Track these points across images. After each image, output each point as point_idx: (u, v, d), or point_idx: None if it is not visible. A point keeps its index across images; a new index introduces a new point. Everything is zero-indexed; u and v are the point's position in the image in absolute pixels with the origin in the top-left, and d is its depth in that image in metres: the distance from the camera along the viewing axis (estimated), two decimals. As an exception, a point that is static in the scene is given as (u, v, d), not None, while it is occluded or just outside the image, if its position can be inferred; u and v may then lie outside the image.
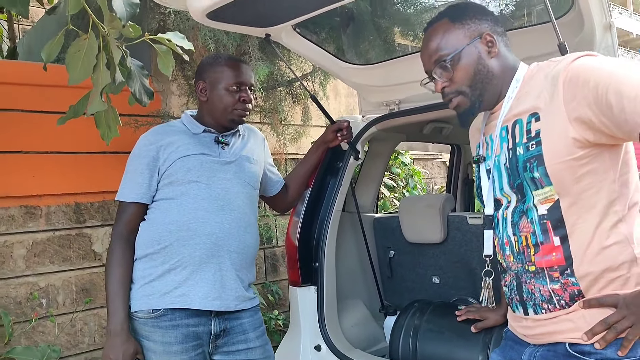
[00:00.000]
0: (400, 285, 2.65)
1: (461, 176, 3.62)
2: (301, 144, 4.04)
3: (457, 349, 2.05)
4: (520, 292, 1.28)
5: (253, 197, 1.98)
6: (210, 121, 1.95)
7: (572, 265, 1.18)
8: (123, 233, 1.84)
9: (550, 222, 1.20)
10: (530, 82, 1.29)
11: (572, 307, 1.19)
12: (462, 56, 1.32)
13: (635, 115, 1.05)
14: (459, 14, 1.36)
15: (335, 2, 1.84)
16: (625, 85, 1.07)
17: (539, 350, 1.27)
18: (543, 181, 1.19)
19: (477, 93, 1.33)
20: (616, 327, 1.13)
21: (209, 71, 1.94)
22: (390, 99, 2.35)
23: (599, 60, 1.16)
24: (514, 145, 1.26)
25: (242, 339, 1.87)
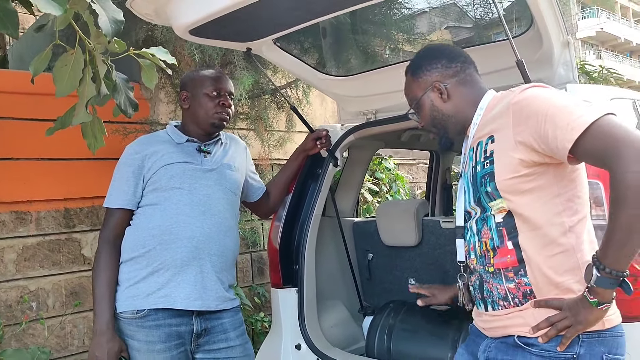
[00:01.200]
0: (378, 286, 2.75)
1: (440, 181, 3.73)
2: (286, 150, 4.13)
3: (428, 347, 2.16)
4: (482, 291, 1.43)
5: (234, 202, 2.08)
6: (194, 128, 2.05)
7: (524, 268, 1.33)
8: (109, 238, 1.93)
9: (505, 229, 1.36)
10: (493, 109, 1.43)
11: (524, 305, 1.34)
12: (420, 105, 1.57)
13: (564, 142, 1.21)
14: (415, 69, 1.58)
15: (313, 19, 1.94)
16: (559, 116, 1.23)
17: (493, 342, 1.42)
18: (494, 194, 1.35)
19: (441, 132, 1.57)
20: (557, 326, 1.28)
21: (191, 82, 2.07)
22: (367, 108, 2.45)
23: (544, 92, 1.33)
24: (475, 164, 1.43)
25: (222, 338, 1.97)
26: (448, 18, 3.16)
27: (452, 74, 1.53)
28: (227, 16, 1.77)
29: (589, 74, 6.34)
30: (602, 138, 1.18)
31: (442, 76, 1.53)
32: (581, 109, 1.23)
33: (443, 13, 3.19)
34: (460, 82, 1.53)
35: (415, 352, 2.19)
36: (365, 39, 2.90)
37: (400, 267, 2.66)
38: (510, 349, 1.36)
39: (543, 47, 1.82)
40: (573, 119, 1.21)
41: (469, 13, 3.39)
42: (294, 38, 2.88)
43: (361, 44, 2.86)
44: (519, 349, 1.33)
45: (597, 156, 1.20)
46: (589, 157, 1.23)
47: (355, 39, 2.79)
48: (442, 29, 3.75)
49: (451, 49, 1.59)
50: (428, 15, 3.23)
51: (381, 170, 4.87)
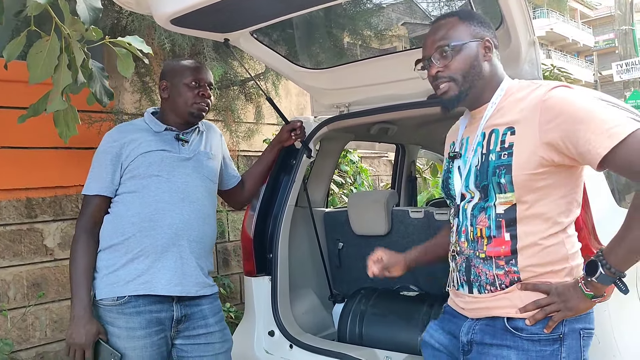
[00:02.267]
0: (348, 274, 2.83)
1: (405, 174, 3.83)
2: (253, 142, 4.16)
3: (399, 331, 2.26)
4: (468, 274, 1.47)
5: (212, 190, 2.11)
6: (172, 118, 2.06)
7: (516, 258, 1.39)
8: (87, 226, 1.93)
9: (504, 221, 1.40)
10: (512, 95, 1.43)
11: (511, 287, 1.40)
12: (463, 49, 1.45)
13: (598, 148, 1.24)
14: (468, 16, 1.51)
15: (293, 12, 1.98)
16: (594, 121, 1.26)
17: (477, 324, 1.46)
18: (507, 187, 1.38)
19: (467, 85, 1.46)
20: (545, 309, 1.36)
21: (171, 71, 2.07)
22: (340, 101, 2.50)
23: (574, 94, 1.34)
24: (488, 152, 1.42)
25: (202, 324, 2.00)
26: (416, 16, 3.25)
27: (496, 44, 1.51)
28: (208, 7, 1.79)
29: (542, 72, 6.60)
30: (638, 149, 1.22)
31: (492, 36, 1.49)
32: (617, 117, 1.26)
33: (411, 10, 3.29)
34: (498, 55, 1.51)
35: (386, 335, 2.28)
36: (339, 33, 2.96)
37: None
38: (499, 332, 1.41)
39: (511, 45, 1.91)
40: (610, 127, 1.24)
41: (439, 10, 3.49)
42: (270, 30, 2.91)
43: (336, 38, 2.91)
44: (508, 333, 1.39)
45: (629, 166, 1.24)
46: (619, 165, 1.26)
47: (330, 33, 2.85)
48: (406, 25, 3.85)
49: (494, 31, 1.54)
50: (403, 11, 3.32)
51: (346, 162, 4.95)
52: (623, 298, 1.39)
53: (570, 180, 1.40)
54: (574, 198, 1.41)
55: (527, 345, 1.37)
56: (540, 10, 32.28)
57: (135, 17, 3.09)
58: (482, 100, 1.50)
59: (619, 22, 10.91)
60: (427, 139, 3.68)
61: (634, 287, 1.89)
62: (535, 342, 1.37)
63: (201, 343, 1.99)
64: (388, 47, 3.85)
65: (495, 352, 1.40)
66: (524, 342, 1.38)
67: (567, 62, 32.80)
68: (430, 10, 3.86)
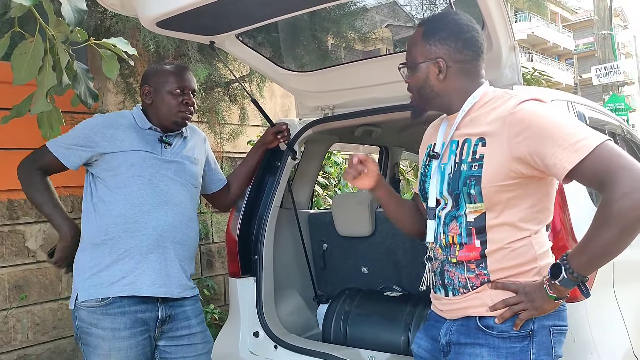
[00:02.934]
0: (332, 275, 2.85)
1: (388, 175, 3.87)
2: (238, 143, 4.16)
3: (382, 331, 2.29)
4: (442, 278, 1.51)
5: (194, 194, 2.12)
6: (156, 122, 2.07)
7: (486, 261, 1.43)
8: (36, 167, 2.02)
9: (474, 229, 1.44)
10: (486, 105, 1.45)
11: (481, 287, 1.44)
12: (416, 69, 1.51)
13: (564, 162, 1.27)
14: (430, 32, 1.50)
15: (279, 16, 2.00)
16: (560, 135, 1.28)
17: (454, 325, 1.50)
18: (476, 198, 1.41)
19: (422, 101, 1.54)
20: (513, 308, 1.40)
21: (154, 76, 2.08)
22: (325, 104, 2.52)
23: (543, 108, 1.37)
24: (460, 161, 1.45)
25: (185, 325, 2.01)
26: (400, 19, 3.29)
27: (460, 59, 1.48)
28: (194, 10, 1.80)
29: (523, 75, 6.69)
30: (603, 163, 1.24)
31: (449, 56, 1.48)
32: (583, 131, 1.29)
33: (394, 13, 3.33)
34: (462, 70, 1.49)
35: (370, 336, 2.31)
36: (324, 36, 2.98)
37: (354, 257, 2.77)
38: (472, 331, 1.45)
39: (492, 50, 1.93)
40: (576, 140, 1.27)
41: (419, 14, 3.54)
42: (255, 33, 2.92)
43: (320, 41, 2.94)
44: (480, 332, 1.43)
45: (594, 179, 1.27)
46: (585, 178, 1.29)
47: (314, 35, 2.87)
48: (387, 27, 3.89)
49: (473, 35, 1.50)
50: (387, 13, 3.35)
51: (330, 164, 4.97)
52: (600, 297, 1.44)
53: (539, 190, 1.43)
54: (544, 207, 1.45)
55: (498, 343, 1.41)
56: (522, 14, 32.71)
57: (119, 18, 3.08)
58: (453, 108, 1.52)
59: (598, 26, 11.10)
60: (410, 141, 3.71)
61: (611, 286, 1.95)
62: (505, 339, 1.41)
63: (184, 344, 2.00)
64: (372, 50, 3.89)
65: (469, 351, 1.45)
66: (495, 339, 1.42)
67: (548, 65, 33.29)
68: (414, 13, 3.91)
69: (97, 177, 1.99)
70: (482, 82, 1.52)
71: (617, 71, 10.88)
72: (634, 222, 1.22)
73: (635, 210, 1.20)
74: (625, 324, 1.94)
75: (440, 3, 3.66)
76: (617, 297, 1.96)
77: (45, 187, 2.02)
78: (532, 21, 33.18)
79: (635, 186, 1.20)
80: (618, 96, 11.13)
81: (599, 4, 10.98)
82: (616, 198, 1.21)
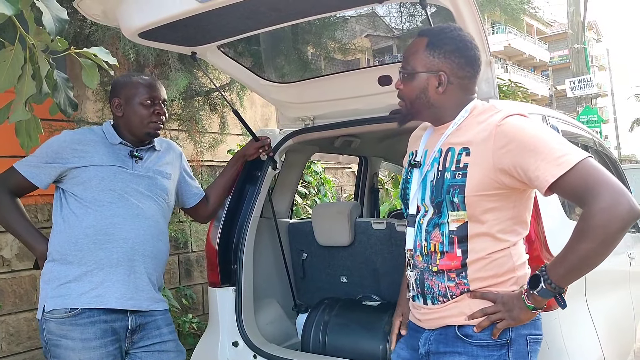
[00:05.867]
0: (312, 285, 2.86)
1: (368, 185, 3.91)
2: (217, 152, 4.16)
3: (361, 340, 2.31)
4: (422, 286, 1.53)
5: (164, 209, 2.12)
6: (127, 135, 2.07)
7: (466, 271, 1.46)
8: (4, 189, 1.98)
9: (457, 237, 1.47)
10: (474, 117, 1.49)
11: (460, 296, 1.47)
12: (415, 78, 1.51)
13: (547, 175, 1.32)
14: (435, 44, 1.50)
15: (260, 28, 2.02)
16: (544, 150, 1.33)
17: (432, 334, 1.53)
18: (459, 206, 1.44)
19: (414, 110, 1.55)
20: (490, 317, 1.44)
21: (124, 88, 2.07)
22: (305, 114, 2.55)
23: (527, 122, 1.42)
24: (444, 169, 1.47)
25: (156, 334, 2.01)
26: (380, 30, 3.33)
27: (461, 75, 1.50)
28: (177, 21, 1.81)
29: (499, 87, 6.81)
30: (584, 178, 1.29)
31: (451, 70, 1.49)
32: (565, 147, 1.34)
33: (374, 24, 3.37)
34: (461, 85, 1.51)
35: (349, 345, 2.32)
36: (305, 48, 3.01)
37: (333, 266, 2.78)
38: (451, 340, 1.48)
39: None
40: (559, 155, 1.32)
41: (395, 26, 3.60)
42: (237, 44, 2.93)
43: (301, 52, 2.96)
44: (459, 340, 1.47)
45: (575, 193, 1.31)
46: (566, 192, 1.34)
47: (295, 47, 2.89)
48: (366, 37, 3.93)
49: (475, 53, 1.53)
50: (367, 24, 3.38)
51: (310, 173, 4.99)
52: (572, 306, 1.48)
53: (519, 203, 1.47)
54: (522, 219, 1.49)
55: (476, 351, 1.45)
56: (499, 26, 33.28)
57: (99, 27, 3.07)
58: (443, 120, 1.55)
59: (572, 40, 11.35)
60: (389, 151, 3.76)
61: (583, 295, 2.00)
62: (483, 347, 1.45)
63: (156, 351, 2.00)
64: (352, 61, 3.94)
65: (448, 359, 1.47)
66: (473, 347, 1.45)
67: (524, 76, 33.85)
68: (394, 25, 3.97)
69: (67, 192, 1.98)
70: (474, 97, 1.56)
71: (590, 84, 11.13)
72: (612, 236, 1.27)
73: (612, 224, 1.25)
74: (597, 332, 1.99)
75: (419, 16, 3.73)
76: (589, 306, 2.02)
77: (15, 209, 1.99)
78: (508, 33, 33.78)
79: (613, 202, 1.25)
80: (591, 108, 11.39)
81: (573, 18, 11.24)
82: (595, 212, 1.26)
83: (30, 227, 2.00)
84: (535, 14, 28.96)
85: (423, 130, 1.67)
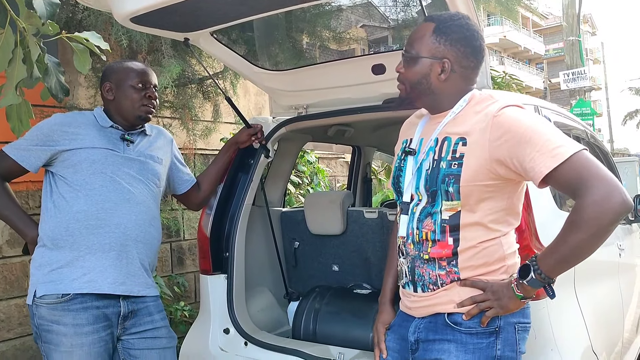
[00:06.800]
0: (303, 273, 2.87)
1: (361, 175, 3.91)
2: (210, 140, 4.14)
3: (352, 328, 2.32)
4: (412, 274, 1.54)
5: (155, 193, 2.11)
6: (118, 119, 2.06)
7: (457, 259, 1.47)
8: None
9: (449, 226, 1.48)
10: (471, 107, 1.49)
11: (450, 284, 1.49)
12: (417, 62, 1.50)
13: (541, 167, 1.33)
14: (442, 30, 1.48)
15: (254, 14, 2.01)
16: (539, 141, 1.34)
17: (422, 322, 1.54)
18: (454, 196, 1.45)
19: (413, 95, 1.54)
20: (480, 305, 1.45)
21: (115, 72, 2.07)
22: (299, 103, 2.53)
23: (523, 113, 1.42)
24: (439, 159, 1.48)
25: (148, 320, 2.02)
26: (374, 19, 3.32)
27: (465, 64, 1.50)
28: (169, 6, 1.79)
29: (494, 79, 6.82)
30: (578, 170, 1.30)
31: (456, 59, 1.48)
32: (560, 139, 1.35)
33: (369, 13, 3.36)
34: (463, 75, 1.51)
35: (339, 333, 2.34)
36: (299, 36, 3.00)
37: (325, 255, 2.79)
38: (440, 327, 1.50)
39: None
40: (554, 147, 1.32)
41: (391, 16, 3.59)
42: (230, 31, 2.92)
43: (295, 40, 2.95)
44: (448, 328, 1.48)
45: (569, 185, 1.32)
46: (560, 183, 1.35)
47: (289, 35, 2.88)
48: (362, 27, 3.92)
49: (481, 44, 1.52)
50: (362, 13, 3.37)
51: (303, 163, 4.99)
52: (561, 296, 1.49)
53: (513, 194, 1.48)
54: (514, 211, 1.51)
55: (465, 338, 1.46)
56: (494, 18, 33.25)
57: (91, 12, 3.05)
58: (440, 108, 1.55)
59: (567, 33, 11.35)
60: (383, 141, 3.76)
61: (572, 285, 2.02)
62: (472, 335, 1.46)
63: (148, 337, 2.01)
64: (347, 50, 3.93)
65: (437, 347, 1.49)
66: (462, 335, 1.47)
67: (519, 69, 33.90)
68: (389, 15, 3.96)
69: (57, 175, 1.97)
70: (474, 87, 1.55)
71: (584, 77, 11.15)
72: (603, 228, 1.28)
73: (604, 217, 1.26)
74: (585, 322, 2.01)
75: (413, 5, 3.72)
76: (578, 296, 2.03)
77: (4, 194, 1.98)
78: (504, 25, 33.77)
79: (605, 195, 1.26)
80: (585, 101, 11.41)
81: (568, 11, 11.24)
82: (587, 204, 1.27)
83: (20, 212, 1.99)
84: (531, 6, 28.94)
85: (418, 118, 1.67)
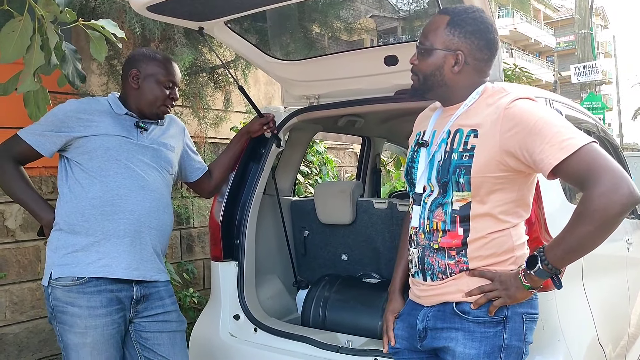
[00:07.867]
0: (312, 262, 2.90)
1: (370, 166, 3.93)
2: (221, 129, 4.17)
3: (360, 316, 2.35)
4: (422, 263, 1.57)
5: (168, 181, 2.14)
6: (135, 108, 2.08)
7: (466, 249, 1.50)
8: (8, 157, 1.99)
9: (459, 217, 1.50)
10: (484, 100, 1.50)
11: (459, 274, 1.51)
12: (431, 54, 1.52)
13: (551, 158, 1.34)
14: (456, 22, 1.50)
15: (266, 5, 2.02)
16: (549, 133, 1.36)
17: (430, 311, 1.57)
18: (465, 187, 1.47)
19: (426, 87, 1.56)
20: (487, 295, 1.47)
21: (145, 62, 2.08)
22: (310, 93, 2.55)
23: (535, 106, 1.44)
24: (451, 150, 1.50)
25: (159, 304, 2.06)
26: (386, 10, 3.32)
27: (479, 57, 1.52)
28: (186, -5, 1.82)
29: (504, 71, 6.77)
30: (587, 162, 1.31)
31: (470, 51, 1.50)
32: (570, 131, 1.36)
33: (381, 4, 3.36)
34: (476, 67, 1.53)
35: (347, 320, 2.37)
36: (311, 26, 3.00)
37: (334, 244, 2.82)
38: (448, 316, 1.52)
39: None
40: (563, 139, 1.34)
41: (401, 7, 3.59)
42: (243, 20, 2.93)
43: (308, 30, 2.96)
44: (456, 317, 1.51)
45: (577, 177, 1.33)
46: (568, 175, 1.36)
47: (302, 25, 2.89)
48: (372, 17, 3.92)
49: (495, 36, 1.53)
50: (373, 4, 3.36)
51: (312, 153, 5.01)
52: (569, 288, 1.51)
53: (523, 186, 1.50)
54: (524, 202, 1.52)
55: (473, 327, 1.49)
56: (505, 10, 32.96)
57: (105, 0, 3.06)
58: (453, 100, 1.57)
59: (579, 25, 11.27)
60: (393, 132, 3.78)
61: (580, 278, 2.03)
62: (480, 324, 1.49)
63: (159, 320, 2.05)
64: (358, 41, 3.93)
65: (445, 335, 1.52)
66: (470, 324, 1.49)
67: (529, 61, 33.64)
68: (400, 5, 3.95)
69: (72, 160, 2.00)
70: (487, 80, 1.57)
71: (595, 70, 11.08)
72: (610, 220, 1.29)
73: (611, 209, 1.27)
74: (592, 314, 2.03)
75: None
76: (586, 288, 2.05)
77: (20, 177, 2.01)
78: (514, 17, 33.49)
79: (613, 187, 1.28)
80: (595, 95, 11.35)
81: (580, 3, 11.14)
82: (595, 196, 1.28)
83: (36, 196, 2.02)
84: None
85: (432, 110, 1.69)
